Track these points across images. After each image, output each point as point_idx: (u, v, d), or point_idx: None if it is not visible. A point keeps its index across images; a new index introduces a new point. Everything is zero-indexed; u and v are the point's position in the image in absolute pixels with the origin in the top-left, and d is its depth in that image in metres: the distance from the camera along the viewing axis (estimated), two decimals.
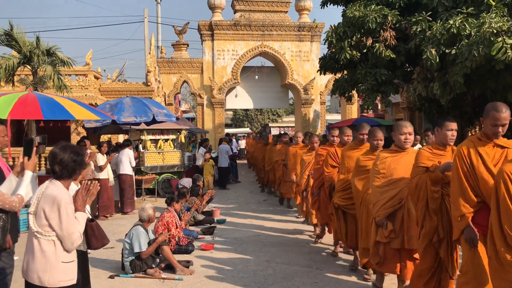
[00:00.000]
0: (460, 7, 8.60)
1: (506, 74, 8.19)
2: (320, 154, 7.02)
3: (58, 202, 2.95)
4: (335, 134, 6.86)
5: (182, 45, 21.52)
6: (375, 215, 4.58)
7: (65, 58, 12.36)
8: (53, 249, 2.98)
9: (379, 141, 5.10)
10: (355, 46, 9.83)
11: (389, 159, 4.61)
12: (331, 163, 6.44)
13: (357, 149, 5.70)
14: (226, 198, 12.59)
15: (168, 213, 7.01)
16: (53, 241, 2.98)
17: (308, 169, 7.85)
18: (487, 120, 3.46)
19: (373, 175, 4.69)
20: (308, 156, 7.97)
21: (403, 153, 4.61)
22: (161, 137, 13.11)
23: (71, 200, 3.05)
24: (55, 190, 3.01)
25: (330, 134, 6.97)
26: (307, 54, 21.58)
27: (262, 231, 8.34)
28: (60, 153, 3.09)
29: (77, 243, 3.04)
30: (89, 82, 15.36)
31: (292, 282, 5.50)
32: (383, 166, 4.59)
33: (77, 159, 3.11)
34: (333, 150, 6.50)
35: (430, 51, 8.31)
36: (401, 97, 16.25)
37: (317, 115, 22.05)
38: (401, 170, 4.52)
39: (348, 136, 6.89)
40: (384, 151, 4.76)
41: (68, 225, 2.95)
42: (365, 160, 5.14)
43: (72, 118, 8.00)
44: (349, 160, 5.70)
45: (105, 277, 5.77)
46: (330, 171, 6.44)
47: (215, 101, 20.92)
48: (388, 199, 4.51)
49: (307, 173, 7.86)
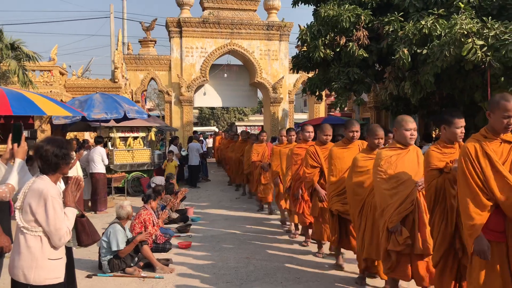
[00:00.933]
0: (431, 8, 8.84)
1: (474, 74, 8.48)
2: (298, 154, 6.75)
3: (45, 196, 2.85)
4: (310, 130, 6.77)
5: (150, 41, 21.19)
6: (388, 221, 4.11)
7: (30, 53, 11.97)
8: (40, 245, 2.87)
9: (380, 139, 4.76)
10: (328, 45, 9.94)
11: (394, 158, 4.22)
12: (311, 163, 6.06)
13: (346, 148, 5.43)
14: (198, 196, 12.49)
15: (145, 211, 6.90)
16: (40, 237, 2.88)
17: None
18: (497, 113, 3.13)
19: (378, 177, 4.24)
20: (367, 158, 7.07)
21: (405, 150, 4.29)
22: (131, 134, 12.89)
23: (58, 194, 2.94)
24: (41, 184, 2.91)
25: (305, 131, 6.80)
26: (276, 53, 21.67)
27: (238, 228, 8.33)
28: (43, 147, 2.98)
29: (65, 239, 2.93)
30: (54, 78, 14.89)
31: (274, 278, 5.51)
32: (388, 166, 4.19)
33: (59, 153, 2.99)
34: (312, 150, 6.12)
35: (402, 50, 8.49)
36: (368, 96, 16.57)
37: (286, 114, 22.20)
38: (406, 168, 4.18)
39: (310, 133, 7.00)
40: (386, 149, 4.37)
41: (55, 220, 2.86)
42: (364, 160, 4.76)
43: (43, 113, 7.76)
44: (339, 161, 5.35)
45: (82, 277, 5.62)
46: (311, 171, 6.05)
47: (183, 99, 20.71)
48: (400, 202, 4.09)
49: None
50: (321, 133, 6.15)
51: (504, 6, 8.58)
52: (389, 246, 4.13)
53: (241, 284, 5.32)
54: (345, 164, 5.24)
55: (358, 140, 5.48)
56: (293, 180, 6.87)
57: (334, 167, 5.41)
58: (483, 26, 7.55)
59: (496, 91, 8.12)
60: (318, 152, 6.07)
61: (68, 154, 3.07)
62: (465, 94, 9.18)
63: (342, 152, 5.39)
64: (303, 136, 6.91)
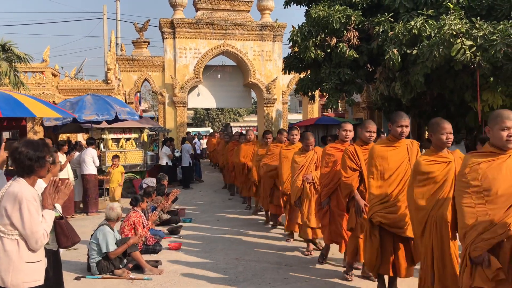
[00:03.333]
0: (421, 9, 8.89)
1: (464, 74, 8.53)
2: (331, 155, 5.67)
3: (20, 199, 2.84)
4: (348, 128, 5.71)
5: (143, 42, 21.14)
6: (470, 248, 3.15)
7: (22, 54, 11.92)
8: (17, 248, 2.86)
9: (449, 134, 3.81)
10: (319, 45, 9.97)
11: (484, 166, 3.20)
12: (350, 165, 5.06)
13: (392, 146, 4.51)
14: (191, 197, 12.49)
15: (135, 213, 6.88)
16: (17, 240, 2.86)
17: (302, 172, 6.47)
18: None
19: (461, 189, 3.28)
20: (301, 157, 6.56)
21: (503, 155, 3.22)
22: (123, 136, 12.86)
23: (34, 197, 2.92)
24: (16, 188, 2.89)
25: (342, 129, 5.73)
26: (270, 53, 21.68)
27: (229, 230, 8.33)
28: (18, 149, 2.96)
29: (42, 242, 2.92)
30: (46, 79, 14.84)
31: (262, 279, 5.52)
32: (475, 175, 3.20)
33: (34, 156, 2.96)
34: (351, 149, 5.13)
35: (392, 51, 8.53)
36: (361, 97, 16.63)
37: (280, 115, 22.20)
38: (504, 181, 3.13)
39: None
40: (474, 154, 3.36)
41: (31, 223, 2.84)
42: (430, 165, 3.81)
43: (33, 115, 7.74)
44: (382, 161, 4.45)
45: (71, 279, 5.60)
46: (350, 175, 5.05)
47: (177, 100, 20.68)
48: (486, 225, 3.11)
49: (301, 178, 6.45)
50: (363, 130, 5.21)
51: (493, 7, 8.64)
52: (476, 282, 3.14)
53: (229, 285, 5.32)
54: (391, 165, 4.42)
55: (407, 139, 4.59)
56: (321, 186, 5.89)
57: (374, 168, 4.50)
58: (471, 27, 7.60)
59: (485, 91, 8.18)
60: (358, 153, 5.10)
61: (43, 157, 3.01)
62: (455, 94, 9.23)
63: (387, 151, 4.49)
64: (341, 135, 5.76)
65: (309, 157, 6.54)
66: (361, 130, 5.23)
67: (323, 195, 5.77)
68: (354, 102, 11.48)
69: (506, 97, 8.02)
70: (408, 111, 11.82)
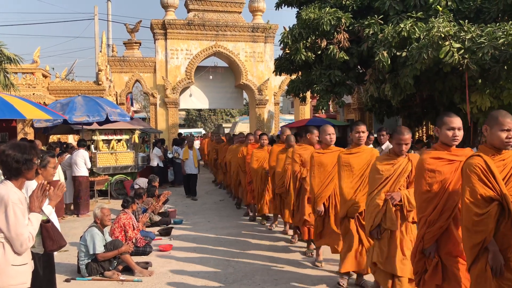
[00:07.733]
0: (410, 11, 8.97)
1: (452, 76, 8.62)
2: (436, 171, 3.79)
3: (5, 202, 2.84)
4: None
5: (134, 43, 21.13)
6: None
7: (12, 55, 11.79)
8: (2, 251, 2.85)
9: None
10: (310, 47, 10.03)
11: None
12: (484, 193, 3.75)
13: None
14: (182, 198, 12.48)
15: (125, 215, 6.87)
16: (2, 243, 2.86)
17: (386, 188, 4.27)
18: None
19: None
20: (387, 165, 4.31)
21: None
22: (114, 137, 12.80)
23: (20, 200, 2.92)
24: (3, 190, 2.89)
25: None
26: (261, 55, 21.75)
27: (221, 230, 8.34)
28: (4, 152, 2.96)
29: (27, 245, 2.91)
30: (37, 80, 14.75)
31: (253, 280, 5.54)
32: None
33: (21, 158, 2.96)
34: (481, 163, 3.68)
35: (382, 53, 8.60)
36: (352, 98, 16.72)
37: (271, 116, 22.27)
38: None
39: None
40: None
41: (16, 226, 2.84)
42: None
43: (23, 117, 7.69)
44: None
45: (61, 280, 5.58)
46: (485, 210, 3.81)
47: (168, 101, 20.68)
48: None
49: (383, 196, 4.28)
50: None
51: (481, 10, 8.73)
52: None
53: (218, 287, 5.34)
54: None
55: None
56: (423, 221, 3.91)
57: None
58: (460, 29, 7.67)
59: (474, 93, 8.26)
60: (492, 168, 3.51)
61: (30, 159, 3.01)
62: (444, 96, 9.32)
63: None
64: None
65: (399, 166, 4.28)
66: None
67: (428, 239, 3.57)
68: (345, 104, 11.56)
69: (494, 99, 8.11)
70: (398, 112, 11.93)
